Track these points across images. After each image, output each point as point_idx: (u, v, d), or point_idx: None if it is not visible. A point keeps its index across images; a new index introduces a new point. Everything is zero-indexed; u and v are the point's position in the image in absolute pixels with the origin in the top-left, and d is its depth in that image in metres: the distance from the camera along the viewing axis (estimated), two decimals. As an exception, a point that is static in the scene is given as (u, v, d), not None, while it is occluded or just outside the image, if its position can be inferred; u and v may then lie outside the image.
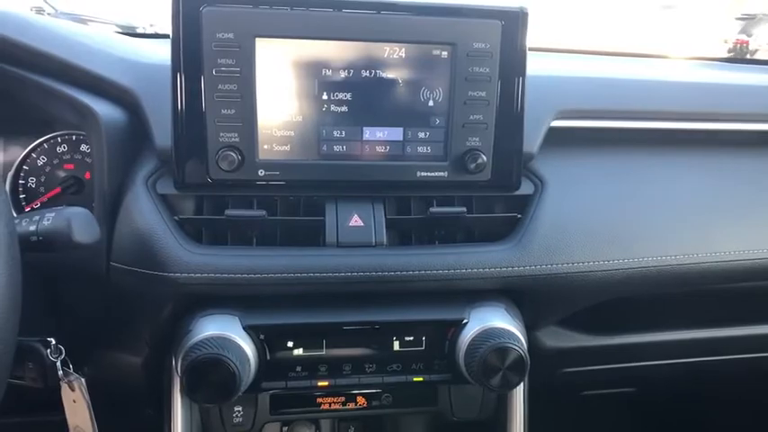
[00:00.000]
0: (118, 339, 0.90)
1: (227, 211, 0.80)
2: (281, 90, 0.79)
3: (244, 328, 0.78)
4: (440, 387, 0.93)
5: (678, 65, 1.28)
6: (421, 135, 0.82)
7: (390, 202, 0.86)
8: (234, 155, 0.78)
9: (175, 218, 0.80)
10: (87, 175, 0.94)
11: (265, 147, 0.80)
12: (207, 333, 0.75)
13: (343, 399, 0.90)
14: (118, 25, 1.25)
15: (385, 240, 0.83)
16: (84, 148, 0.94)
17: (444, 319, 0.83)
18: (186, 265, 0.77)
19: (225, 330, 0.76)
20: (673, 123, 0.97)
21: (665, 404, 1.55)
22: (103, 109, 0.81)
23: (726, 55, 1.62)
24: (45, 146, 0.94)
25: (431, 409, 0.94)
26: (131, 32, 1.10)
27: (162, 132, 0.81)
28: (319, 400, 0.90)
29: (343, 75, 0.79)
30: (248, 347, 0.77)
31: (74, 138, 0.94)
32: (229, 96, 0.77)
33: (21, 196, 0.93)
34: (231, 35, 0.75)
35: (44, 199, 0.94)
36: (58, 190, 0.93)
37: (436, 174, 0.84)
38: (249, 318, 0.79)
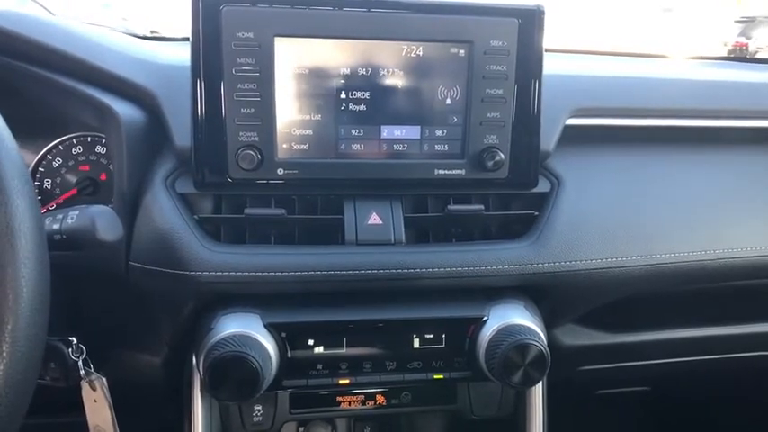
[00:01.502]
0: (137, 339, 0.90)
1: (247, 210, 0.80)
2: (299, 89, 0.79)
3: (265, 326, 0.78)
4: (459, 385, 0.93)
5: (689, 64, 1.29)
6: (438, 133, 0.82)
7: (408, 201, 0.86)
8: (253, 154, 0.78)
9: (195, 217, 0.80)
10: (103, 177, 0.94)
11: (284, 146, 0.80)
12: (229, 331, 0.75)
13: (362, 397, 0.90)
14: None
15: (404, 238, 0.83)
16: (99, 149, 0.94)
17: (464, 317, 0.83)
18: (208, 264, 0.77)
19: (247, 328, 0.76)
20: (688, 121, 0.98)
21: (679, 403, 1.54)
22: (123, 109, 0.82)
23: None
24: (60, 147, 0.94)
25: (450, 406, 0.94)
26: (146, 36, 1.10)
27: (181, 132, 0.81)
28: (339, 398, 0.90)
29: (361, 74, 0.79)
30: (270, 345, 0.77)
31: (89, 139, 0.94)
32: (249, 96, 0.77)
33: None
34: (251, 34, 0.75)
35: (60, 200, 0.94)
36: (74, 191, 0.94)
37: (454, 172, 0.84)
38: (270, 316, 0.79)
